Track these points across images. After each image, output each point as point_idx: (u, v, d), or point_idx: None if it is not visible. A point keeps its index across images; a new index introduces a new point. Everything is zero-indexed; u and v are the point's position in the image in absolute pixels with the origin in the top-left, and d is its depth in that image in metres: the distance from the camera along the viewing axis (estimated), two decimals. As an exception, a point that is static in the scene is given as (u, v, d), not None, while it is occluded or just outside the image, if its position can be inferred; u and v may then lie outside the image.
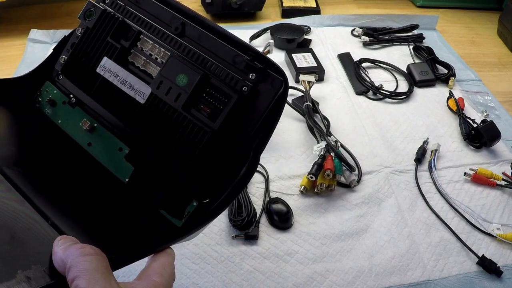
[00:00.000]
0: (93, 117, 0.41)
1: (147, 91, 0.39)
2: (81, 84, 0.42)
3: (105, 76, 0.41)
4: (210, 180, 0.37)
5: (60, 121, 0.42)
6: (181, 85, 0.38)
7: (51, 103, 0.43)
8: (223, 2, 0.93)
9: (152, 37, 0.40)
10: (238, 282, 0.48)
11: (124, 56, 0.41)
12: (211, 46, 0.38)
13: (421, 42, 0.89)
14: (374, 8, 1.07)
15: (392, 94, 0.74)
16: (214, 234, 0.52)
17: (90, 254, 0.27)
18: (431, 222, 0.55)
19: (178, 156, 0.38)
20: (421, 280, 0.49)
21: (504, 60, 0.90)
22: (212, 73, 0.37)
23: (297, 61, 0.78)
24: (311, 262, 0.50)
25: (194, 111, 0.37)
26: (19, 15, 0.96)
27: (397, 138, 0.67)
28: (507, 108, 0.74)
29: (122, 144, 0.40)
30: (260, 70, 0.36)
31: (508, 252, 0.52)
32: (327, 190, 0.57)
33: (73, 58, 0.43)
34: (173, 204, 0.37)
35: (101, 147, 0.40)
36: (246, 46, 0.37)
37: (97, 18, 0.42)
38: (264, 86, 0.36)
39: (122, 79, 0.40)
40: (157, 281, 0.30)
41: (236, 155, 0.36)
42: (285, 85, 0.36)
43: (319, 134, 0.61)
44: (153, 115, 0.39)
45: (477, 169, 0.60)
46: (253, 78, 0.36)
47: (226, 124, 0.37)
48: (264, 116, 0.36)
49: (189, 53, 0.39)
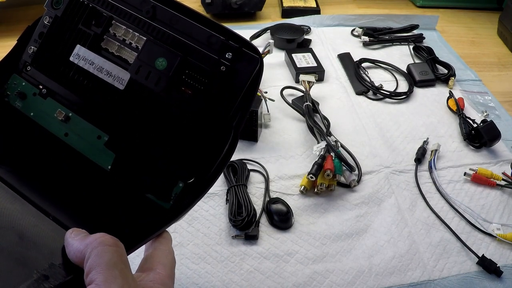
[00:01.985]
0: (67, 107, 0.41)
1: (125, 77, 0.39)
2: (53, 74, 0.42)
3: (80, 65, 0.41)
4: (194, 160, 0.37)
5: (32, 114, 0.42)
6: (160, 68, 0.38)
7: (21, 96, 0.43)
8: (223, 2, 0.93)
9: (124, 22, 0.40)
10: (238, 282, 0.48)
11: (97, 42, 0.41)
12: (185, 28, 0.38)
13: (421, 42, 0.89)
14: (374, 8, 1.07)
15: (392, 94, 0.74)
16: (214, 234, 0.52)
17: (110, 244, 0.26)
18: (431, 222, 0.55)
19: (162, 139, 0.38)
20: (421, 280, 0.49)
21: (504, 60, 0.90)
22: (190, 54, 0.38)
23: (297, 61, 0.78)
24: (311, 262, 0.50)
25: (175, 94, 0.38)
26: (19, 15, 0.96)
27: (397, 138, 0.67)
28: (507, 108, 0.74)
29: (101, 132, 0.40)
30: (236, 49, 0.37)
31: (508, 252, 0.52)
32: (327, 190, 0.57)
33: (43, 48, 0.43)
34: (159, 187, 0.37)
35: (79, 137, 0.40)
36: (219, 26, 0.38)
37: (66, 5, 0.42)
38: (240, 64, 0.37)
39: (98, 66, 0.40)
40: (161, 272, 0.30)
41: (218, 134, 0.37)
42: (261, 62, 0.37)
43: (319, 134, 0.61)
44: (134, 100, 0.39)
45: (477, 169, 0.60)
46: (230, 58, 0.37)
47: (207, 104, 0.37)
48: (243, 94, 0.37)
49: (164, 36, 0.39)
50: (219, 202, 0.55)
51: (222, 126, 0.37)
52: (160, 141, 0.38)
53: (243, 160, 0.60)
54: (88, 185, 0.39)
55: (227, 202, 0.54)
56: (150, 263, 0.31)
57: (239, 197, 0.53)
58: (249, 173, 0.58)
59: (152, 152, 0.38)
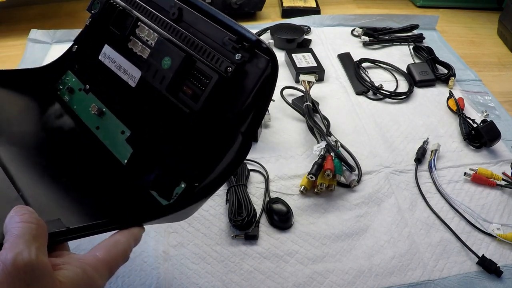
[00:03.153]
0: (103, 103, 0.43)
1: (137, 75, 0.41)
2: (88, 71, 0.45)
3: (105, 63, 0.43)
4: (198, 162, 0.37)
5: (75, 107, 0.45)
6: (165, 67, 0.38)
7: (70, 91, 0.46)
8: (223, 2, 0.93)
9: (149, 23, 0.41)
10: (238, 282, 0.48)
11: (124, 42, 0.43)
12: (205, 29, 0.39)
13: (421, 42, 0.89)
14: (374, 8, 1.07)
15: (392, 94, 0.74)
16: (214, 234, 0.52)
17: (25, 221, 0.27)
18: (431, 222, 0.55)
19: (166, 139, 0.39)
20: (421, 280, 0.49)
21: (504, 60, 0.90)
22: (200, 54, 0.38)
23: (297, 61, 0.78)
24: (311, 262, 0.50)
25: (178, 93, 0.38)
26: (19, 15, 0.96)
27: (397, 138, 0.67)
28: (507, 108, 0.74)
29: (125, 127, 0.41)
30: (246, 49, 0.36)
31: (508, 252, 0.52)
32: (327, 190, 0.57)
33: (81, 47, 0.46)
34: (162, 185, 0.38)
35: (107, 130, 0.42)
36: (236, 28, 0.37)
37: (101, 8, 0.45)
38: (251, 66, 0.36)
39: (118, 64, 0.42)
40: (99, 256, 0.30)
41: (224, 138, 0.36)
42: (272, 64, 0.35)
43: (319, 134, 0.61)
44: (143, 97, 0.40)
45: (477, 169, 0.60)
46: (239, 59, 0.36)
47: (209, 106, 0.36)
48: (251, 98, 0.35)
49: (180, 37, 0.39)
50: (219, 202, 0.55)
51: (227, 130, 0.36)
52: (167, 140, 0.39)
53: (243, 160, 0.60)
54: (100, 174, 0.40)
55: (227, 202, 0.54)
56: (97, 246, 0.31)
57: (239, 197, 0.53)
58: (249, 173, 0.58)
59: (160, 150, 0.39)
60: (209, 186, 0.36)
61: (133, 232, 0.33)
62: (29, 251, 0.25)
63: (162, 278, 0.47)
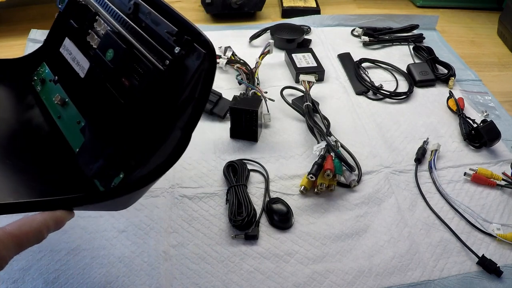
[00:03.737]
0: (67, 93, 0.45)
1: (86, 66, 0.42)
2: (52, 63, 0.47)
3: (64, 55, 0.45)
4: (134, 153, 0.37)
5: (44, 97, 0.47)
6: (108, 59, 0.40)
7: (42, 81, 0.48)
8: (223, 2, 0.93)
9: (106, 17, 0.42)
10: (238, 282, 0.48)
11: (82, 36, 0.44)
12: (155, 23, 0.39)
13: (421, 42, 0.89)
14: (374, 8, 1.07)
15: (392, 94, 0.74)
16: (214, 234, 0.52)
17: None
18: (431, 222, 0.55)
19: (110, 130, 0.39)
20: (421, 280, 0.49)
21: (504, 60, 0.90)
22: (144, 48, 0.38)
23: (297, 61, 0.78)
24: (311, 262, 0.50)
25: (117, 85, 0.39)
26: (19, 15, 0.96)
27: (397, 138, 0.67)
28: (507, 108, 0.74)
29: (81, 118, 0.43)
30: (184, 43, 0.36)
31: (508, 252, 0.52)
32: (327, 190, 0.57)
33: (48, 40, 0.48)
34: (104, 174, 0.38)
35: (66, 120, 0.44)
36: (181, 21, 0.38)
37: (66, 3, 0.47)
38: (189, 60, 0.36)
39: (73, 56, 0.44)
40: (7, 229, 0.30)
41: (160, 131, 0.36)
42: (210, 58, 0.35)
43: (319, 134, 0.61)
44: (91, 88, 0.42)
45: (477, 169, 0.60)
46: (177, 52, 0.36)
47: (144, 98, 0.37)
48: (188, 92, 0.35)
49: (130, 30, 0.40)
50: (219, 202, 0.55)
51: (162, 125, 0.36)
52: (110, 131, 0.40)
53: (243, 160, 0.60)
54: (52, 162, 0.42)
55: (227, 202, 0.54)
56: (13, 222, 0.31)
57: (239, 197, 0.53)
58: (249, 173, 0.59)
59: (105, 141, 0.40)
60: (145, 178, 0.35)
61: (55, 214, 0.33)
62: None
63: (162, 278, 0.47)
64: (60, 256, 0.48)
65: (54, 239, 0.50)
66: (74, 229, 0.51)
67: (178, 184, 0.57)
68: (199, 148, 0.63)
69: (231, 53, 0.78)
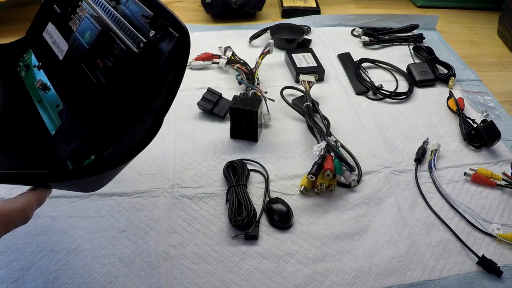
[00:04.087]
0: (49, 77, 0.45)
1: (65, 48, 0.43)
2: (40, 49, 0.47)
3: (46, 39, 0.46)
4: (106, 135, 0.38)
5: (27, 82, 0.47)
6: (85, 41, 0.40)
7: (26, 67, 0.48)
8: (223, 2, 0.93)
9: (89, 2, 0.43)
10: (238, 282, 0.48)
11: (65, 20, 0.45)
12: (135, 8, 0.40)
13: (421, 42, 0.89)
14: (374, 8, 1.07)
15: (392, 94, 0.74)
16: (214, 234, 0.52)
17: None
18: (431, 222, 0.55)
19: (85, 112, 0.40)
20: (421, 280, 0.49)
21: (504, 60, 0.90)
22: (121, 31, 0.39)
23: (297, 61, 0.78)
24: (311, 262, 0.50)
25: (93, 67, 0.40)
26: (19, 15, 0.96)
27: (397, 138, 0.67)
28: (507, 108, 0.74)
29: (60, 101, 0.43)
30: (159, 26, 0.36)
31: (508, 252, 0.52)
32: (327, 190, 0.57)
33: (33, 26, 0.49)
34: (76, 155, 0.39)
35: (46, 104, 0.44)
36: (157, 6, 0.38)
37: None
38: (163, 44, 0.36)
39: (54, 39, 0.45)
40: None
41: (131, 114, 0.37)
42: (183, 41, 0.35)
43: (319, 134, 0.61)
44: (69, 71, 0.42)
45: (477, 169, 0.60)
46: (152, 36, 0.36)
47: (117, 80, 0.37)
48: (161, 75, 0.36)
49: (110, 15, 0.41)
50: (219, 202, 0.55)
51: (134, 107, 0.37)
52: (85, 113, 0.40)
53: (243, 160, 0.60)
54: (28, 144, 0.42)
55: (227, 202, 0.54)
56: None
57: (239, 197, 0.53)
58: (249, 173, 0.59)
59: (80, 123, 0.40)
60: (115, 160, 0.36)
61: (36, 193, 0.35)
62: None
63: (162, 278, 0.47)
64: (60, 256, 0.48)
65: (54, 239, 0.50)
66: (74, 229, 0.51)
67: (178, 184, 0.57)
68: (199, 148, 0.63)
69: (231, 53, 0.78)
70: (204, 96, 0.68)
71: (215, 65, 0.79)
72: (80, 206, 0.54)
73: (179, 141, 0.64)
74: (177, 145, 0.63)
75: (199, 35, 0.89)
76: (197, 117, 0.69)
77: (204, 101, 0.68)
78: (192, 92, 0.72)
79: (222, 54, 0.79)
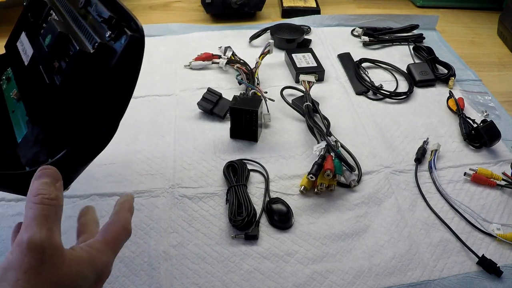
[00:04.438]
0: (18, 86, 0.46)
1: (30, 53, 0.43)
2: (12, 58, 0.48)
3: (19, 48, 0.46)
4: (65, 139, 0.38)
5: (6, 94, 0.48)
6: (45, 44, 0.40)
7: (8, 79, 0.49)
8: (223, 2, 0.93)
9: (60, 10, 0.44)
10: (238, 282, 0.48)
11: (37, 29, 0.45)
12: (98, 11, 0.40)
13: (421, 42, 0.89)
14: (374, 8, 1.07)
15: (392, 94, 0.74)
16: (214, 234, 0.52)
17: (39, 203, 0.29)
18: (431, 222, 0.55)
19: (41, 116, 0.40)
20: (421, 280, 0.49)
21: (504, 60, 0.90)
22: (81, 34, 0.39)
23: (297, 61, 0.78)
24: (311, 262, 0.50)
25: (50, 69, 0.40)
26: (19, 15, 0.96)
27: (397, 138, 0.67)
28: (507, 108, 0.74)
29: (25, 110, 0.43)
30: (113, 26, 0.36)
31: (508, 252, 0.52)
32: (327, 190, 0.57)
33: (12, 35, 0.49)
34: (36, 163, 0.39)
35: (18, 114, 0.45)
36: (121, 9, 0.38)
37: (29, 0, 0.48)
38: (117, 44, 0.36)
39: (24, 47, 0.45)
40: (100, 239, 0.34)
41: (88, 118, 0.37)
42: (135, 42, 0.35)
43: (319, 134, 0.61)
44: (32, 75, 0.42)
45: (477, 169, 0.60)
46: (107, 36, 0.37)
47: (71, 81, 0.37)
48: (115, 76, 0.36)
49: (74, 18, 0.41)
50: (219, 202, 0.55)
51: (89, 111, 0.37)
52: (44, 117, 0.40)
53: (243, 160, 0.60)
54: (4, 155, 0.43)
55: (227, 202, 0.54)
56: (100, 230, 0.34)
57: (239, 197, 0.53)
58: (249, 173, 0.59)
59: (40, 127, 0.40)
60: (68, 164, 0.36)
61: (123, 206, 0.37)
62: (41, 232, 0.28)
63: (162, 278, 0.47)
64: (60, 256, 0.48)
65: (54, 239, 0.50)
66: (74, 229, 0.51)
67: (178, 184, 0.57)
68: (199, 148, 0.63)
69: (231, 53, 0.78)
70: (204, 96, 0.68)
71: (215, 65, 0.79)
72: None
73: (179, 141, 0.64)
74: (177, 145, 0.63)
75: (199, 35, 0.89)
76: (197, 117, 0.69)
77: (204, 101, 0.68)
78: (192, 92, 0.72)
79: (222, 54, 0.79)
